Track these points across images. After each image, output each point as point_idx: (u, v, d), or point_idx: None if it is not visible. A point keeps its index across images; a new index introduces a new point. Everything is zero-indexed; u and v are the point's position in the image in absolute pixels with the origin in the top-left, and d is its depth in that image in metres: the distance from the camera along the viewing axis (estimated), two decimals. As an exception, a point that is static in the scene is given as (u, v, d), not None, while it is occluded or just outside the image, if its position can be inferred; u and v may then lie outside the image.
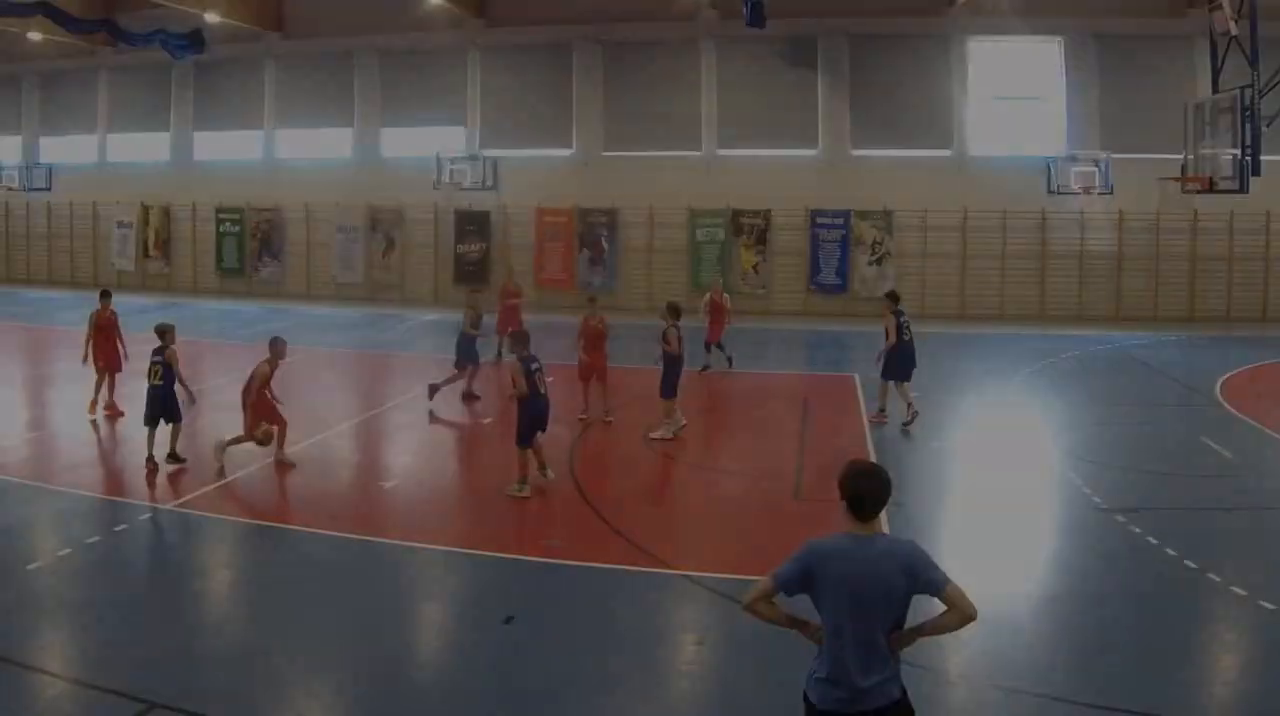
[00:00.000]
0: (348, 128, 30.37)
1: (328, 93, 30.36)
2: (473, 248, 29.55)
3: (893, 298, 15.77)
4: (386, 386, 18.49)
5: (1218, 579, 9.08)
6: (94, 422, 14.54)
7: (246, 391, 12.05)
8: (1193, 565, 9.40)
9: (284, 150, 31.03)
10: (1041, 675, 7.33)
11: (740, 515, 11.07)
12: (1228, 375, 19.52)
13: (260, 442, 12.04)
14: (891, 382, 15.27)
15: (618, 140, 29.12)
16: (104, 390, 14.98)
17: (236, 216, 31.08)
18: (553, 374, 14.38)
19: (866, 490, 4.56)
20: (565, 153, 29.44)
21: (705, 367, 19.38)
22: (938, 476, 13.06)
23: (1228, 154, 18.64)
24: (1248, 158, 17.84)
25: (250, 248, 31.07)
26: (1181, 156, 20.71)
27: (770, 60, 28.51)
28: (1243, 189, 18.34)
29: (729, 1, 27.13)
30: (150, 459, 12.07)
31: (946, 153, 28.09)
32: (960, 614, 4.50)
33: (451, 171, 28.88)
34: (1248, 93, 17.55)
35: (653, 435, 14.19)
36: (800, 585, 4.55)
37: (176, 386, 12.35)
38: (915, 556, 4.57)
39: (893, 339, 15.13)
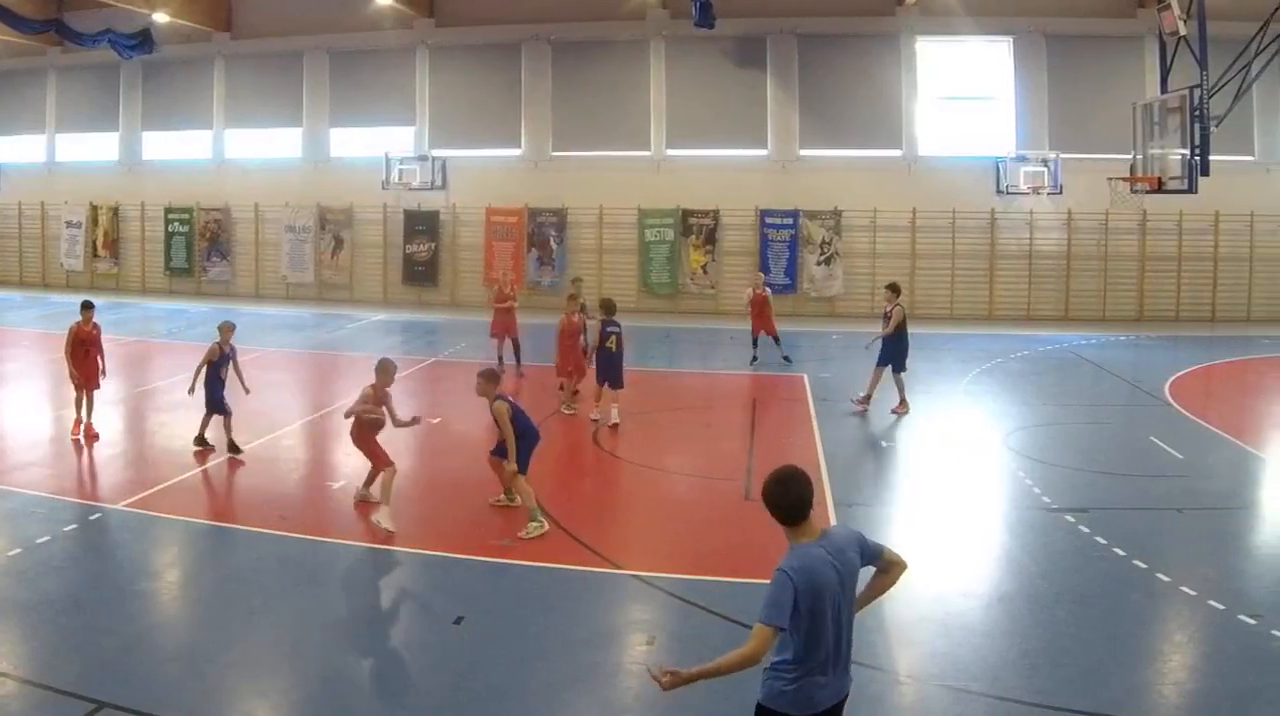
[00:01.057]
0: (297, 127, 29.93)
1: (277, 92, 29.93)
2: (422, 248, 29.16)
3: (895, 289, 16.08)
4: (336, 387, 18.15)
5: (1167, 578, 9.06)
6: (76, 442, 13.33)
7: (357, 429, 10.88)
8: (1142, 565, 9.39)
9: (233, 150, 30.57)
10: (990, 675, 7.31)
11: (690, 516, 11.02)
12: (1177, 375, 19.40)
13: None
14: (889, 371, 15.56)
15: (567, 140, 28.75)
16: (84, 409, 13.71)
17: (185, 216, 30.57)
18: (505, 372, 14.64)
19: (794, 499, 4.55)
20: (514, 152, 29.06)
21: (754, 360, 20.20)
22: (888, 477, 13.09)
23: (1176, 154, 18.48)
24: (1196, 158, 17.73)
25: (199, 247, 30.57)
26: (1131, 156, 20.53)
27: (719, 60, 28.21)
28: (1191, 189, 18.17)
29: (678, 1, 26.85)
30: (201, 438, 12.71)
31: (896, 153, 27.81)
32: (900, 566, 4.82)
33: (400, 171, 28.50)
34: (1196, 93, 17.44)
35: (592, 416, 14.93)
36: (793, 611, 4.44)
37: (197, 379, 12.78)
38: (856, 533, 4.77)
39: (892, 328, 15.51)
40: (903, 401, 15.64)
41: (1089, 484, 12.13)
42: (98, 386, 13.89)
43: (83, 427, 13.52)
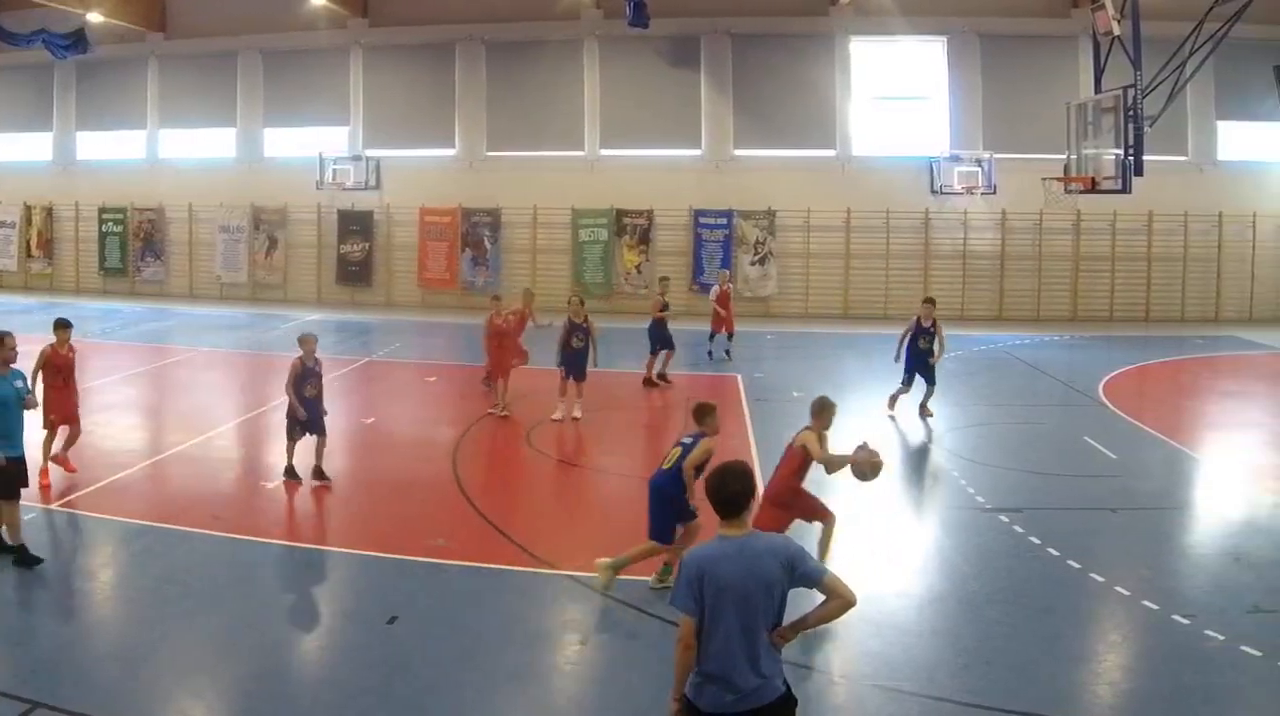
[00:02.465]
0: (231, 127, 29.44)
1: (211, 92, 29.44)
2: (356, 248, 28.66)
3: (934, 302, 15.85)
4: (269, 387, 17.75)
5: (1101, 578, 9.01)
6: (45, 488, 11.16)
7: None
8: (1076, 565, 9.33)
9: (167, 150, 30.04)
10: (924, 675, 7.27)
11: (624, 515, 10.76)
12: (1110, 375, 19.21)
13: None
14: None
15: (501, 140, 28.32)
16: (58, 443, 11.52)
17: (120, 216, 30.02)
18: (436, 373, 14.40)
19: (731, 491, 4.60)
20: (448, 152, 28.60)
21: (710, 355, 20.45)
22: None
23: (1110, 154, 18.32)
24: (1130, 158, 17.59)
25: (133, 247, 30.02)
26: (1065, 156, 20.33)
27: (653, 60, 27.82)
28: (1125, 189, 18.00)
29: (612, 1, 26.52)
30: (290, 471, 11.51)
31: (830, 153, 27.45)
32: (841, 601, 4.65)
33: (334, 171, 28.04)
34: (1130, 93, 17.30)
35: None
36: (696, 600, 4.52)
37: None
38: (792, 550, 4.65)
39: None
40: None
41: (1023, 484, 12.05)
42: (78, 423, 11.66)
43: (47, 470, 11.24)
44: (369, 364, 19.97)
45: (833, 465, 8.78)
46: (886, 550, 9.93)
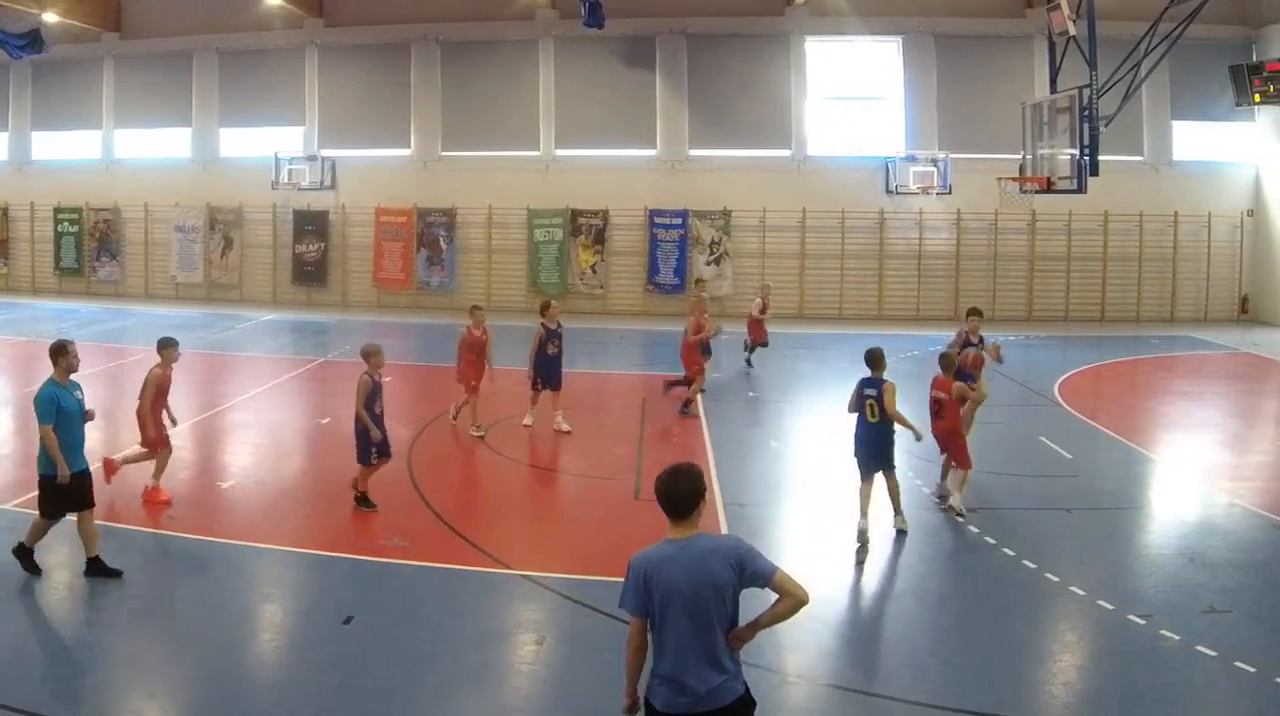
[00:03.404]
0: (186, 127, 29.17)
1: (166, 92, 29.16)
2: (311, 248, 28.37)
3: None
4: (224, 387, 17.67)
5: (1056, 578, 8.95)
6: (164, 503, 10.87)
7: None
8: (1031, 565, 9.26)
9: (123, 150, 29.76)
10: (879, 675, 7.28)
11: (580, 516, 10.83)
12: (1066, 375, 19.11)
13: None
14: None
15: (456, 140, 28.08)
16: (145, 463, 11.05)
17: (75, 216, 29.70)
18: (391, 373, 14.24)
19: (680, 491, 4.52)
20: (403, 153, 28.36)
21: (749, 362, 19.96)
22: (777, 476, 12.79)
23: (1065, 154, 17.96)
24: (1085, 158, 17.20)
25: (88, 247, 29.70)
26: (1020, 156, 20.01)
27: (608, 60, 27.62)
28: (1081, 189, 17.66)
29: (567, 2, 26.32)
30: (364, 499, 10.75)
31: (785, 153, 27.27)
32: (793, 598, 4.55)
33: (290, 171, 27.75)
34: (1085, 93, 16.96)
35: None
36: (642, 601, 4.50)
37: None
38: (741, 549, 4.57)
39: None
40: None
41: (978, 484, 11.85)
42: (169, 446, 11.08)
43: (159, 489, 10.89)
44: (324, 364, 19.84)
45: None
46: (842, 551, 9.84)
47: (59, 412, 8.39)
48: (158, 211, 29.28)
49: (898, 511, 10.21)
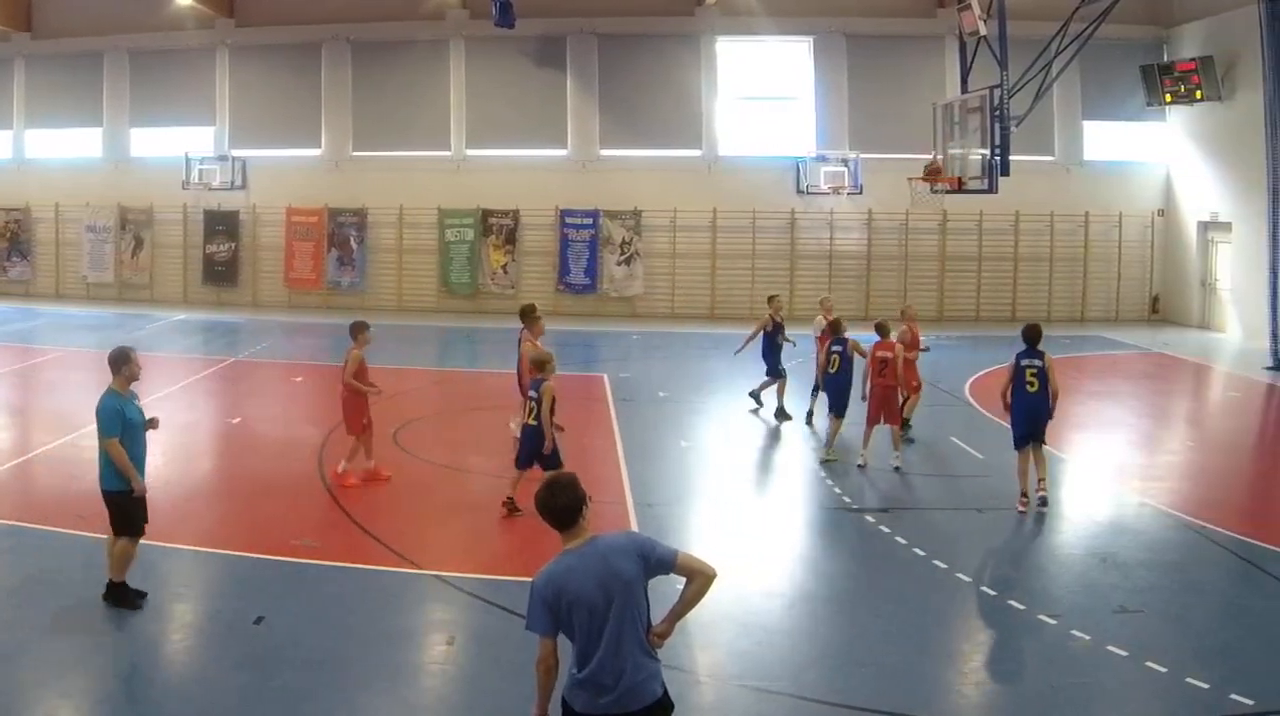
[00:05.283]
0: (97, 127, 28.66)
1: (77, 92, 28.65)
2: (222, 248, 27.89)
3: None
4: (135, 386, 17.71)
5: (967, 578, 8.92)
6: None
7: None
8: (942, 565, 9.21)
9: (33, 150, 29.19)
10: (791, 675, 7.20)
11: (491, 516, 10.63)
12: (977, 375, 18.90)
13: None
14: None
15: (367, 140, 27.70)
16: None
17: (-14, 217, 29.12)
18: (302, 373, 14.09)
19: (559, 505, 4.49)
20: (314, 153, 27.93)
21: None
22: (688, 476, 12.74)
23: (977, 154, 17.90)
24: (997, 158, 17.19)
25: (-1, 248, 29.29)
26: (931, 156, 19.83)
27: (519, 60, 27.29)
28: (992, 189, 17.60)
29: (478, 1, 25.88)
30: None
31: (696, 153, 26.95)
32: (702, 576, 4.54)
33: (201, 171, 27.31)
34: (996, 93, 16.94)
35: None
36: (553, 620, 4.45)
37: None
38: (638, 540, 4.61)
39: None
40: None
41: (889, 484, 11.96)
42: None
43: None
44: (235, 363, 19.57)
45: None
46: (754, 550, 9.75)
47: (124, 424, 8.15)
48: (69, 211, 28.77)
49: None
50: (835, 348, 12.96)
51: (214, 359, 19.99)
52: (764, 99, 27.47)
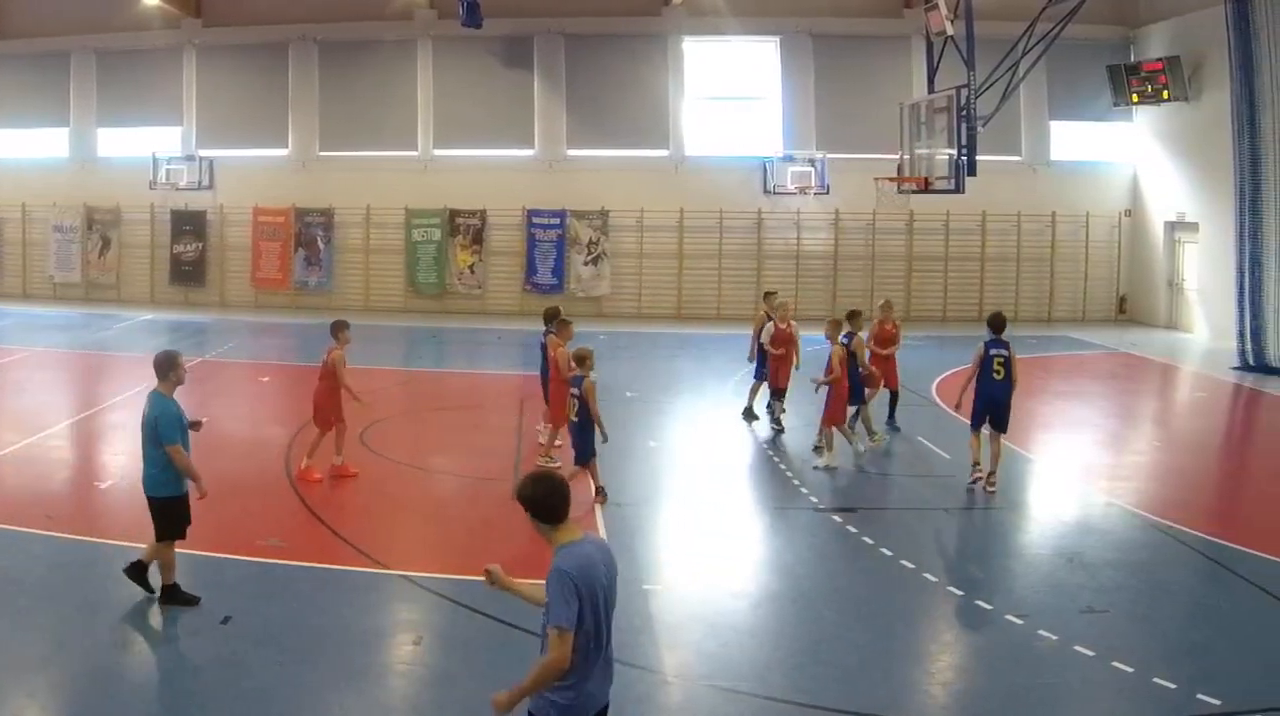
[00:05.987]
0: (64, 127, 28.48)
1: (43, 92, 28.42)
2: (189, 248, 27.70)
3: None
4: (102, 387, 17.46)
5: (934, 578, 8.94)
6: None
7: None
8: (909, 565, 9.22)
9: (0, 149, 28.92)
10: (758, 675, 7.19)
11: (458, 516, 10.75)
12: (943, 375, 18.81)
13: None
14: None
15: (334, 140, 27.54)
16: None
17: (-48, 218, 28.93)
18: (270, 373, 14.06)
19: (566, 492, 4.55)
20: (281, 153, 27.75)
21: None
22: (655, 476, 12.73)
23: (943, 154, 17.90)
24: (963, 158, 17.16)
25: (-34, 249, 28.89)
26: (898, 156, 19.92)
27: (487, 60, 27.15)
28: (958, 189, 17.58)
29: (446, 2, 25.76)
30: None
31: (663, 153, 26.83)
32: (550, 662, 4.47)
33: (168, 171, 27.10)
34: (963, 93, 16.91)
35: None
36: (579, 613, 4.34)
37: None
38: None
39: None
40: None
41: (856, 484, 12.03)
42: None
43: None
44: (202, 363, 19.32)
45: None
46: (722, 550, 9.77)
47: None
48: (35, 211, 28.56)
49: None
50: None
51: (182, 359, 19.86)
52: (731, 99, 27.37)
